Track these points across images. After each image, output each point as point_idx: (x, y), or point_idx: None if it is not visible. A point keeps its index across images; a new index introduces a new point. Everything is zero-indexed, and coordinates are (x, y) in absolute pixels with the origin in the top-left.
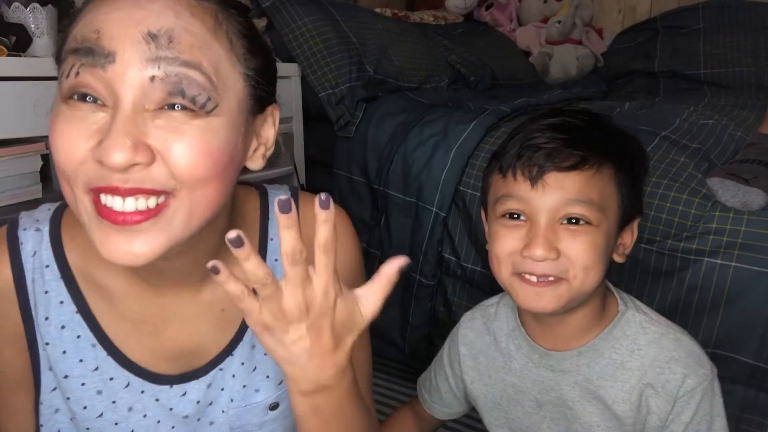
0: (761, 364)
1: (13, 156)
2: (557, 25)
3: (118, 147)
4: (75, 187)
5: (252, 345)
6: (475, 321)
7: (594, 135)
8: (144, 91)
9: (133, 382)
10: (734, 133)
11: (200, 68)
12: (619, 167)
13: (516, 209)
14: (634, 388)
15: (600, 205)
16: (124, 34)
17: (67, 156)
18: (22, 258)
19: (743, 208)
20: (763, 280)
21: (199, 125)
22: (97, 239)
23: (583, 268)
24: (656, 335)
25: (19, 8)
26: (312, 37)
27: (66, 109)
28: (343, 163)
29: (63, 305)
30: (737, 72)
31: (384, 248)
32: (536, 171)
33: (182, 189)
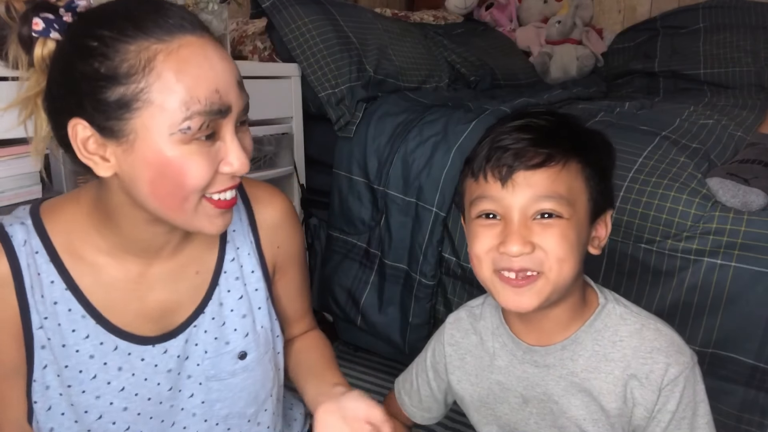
0: (761, 364)
1: (13, 156)
2: (557, 25)
3: (244, 161)
4: (194, 199)
5: (220, 303)
6: (460, 321)
7: (558, 133)
8: (237, 120)
9: (120, 345)
10: (734, 133)
11: (248, 95)
12: (586, 162)
13: (490, 209)
14: (618, 379)
15: (568, 198)
16: (231, 87)
17: (203, 179)
18: (14, 248)
19: (743, 209)
20: (763, 280)
21: (248, 128)
22: (208, 225)
23: (557, 259)
24: (637, 326)
25: None
26: (312, 37)
27: (193, 148)
28: (343, 163)
29: (54, 284)
30: (737, 72)
31: (384, 248)
32: (505, 171)
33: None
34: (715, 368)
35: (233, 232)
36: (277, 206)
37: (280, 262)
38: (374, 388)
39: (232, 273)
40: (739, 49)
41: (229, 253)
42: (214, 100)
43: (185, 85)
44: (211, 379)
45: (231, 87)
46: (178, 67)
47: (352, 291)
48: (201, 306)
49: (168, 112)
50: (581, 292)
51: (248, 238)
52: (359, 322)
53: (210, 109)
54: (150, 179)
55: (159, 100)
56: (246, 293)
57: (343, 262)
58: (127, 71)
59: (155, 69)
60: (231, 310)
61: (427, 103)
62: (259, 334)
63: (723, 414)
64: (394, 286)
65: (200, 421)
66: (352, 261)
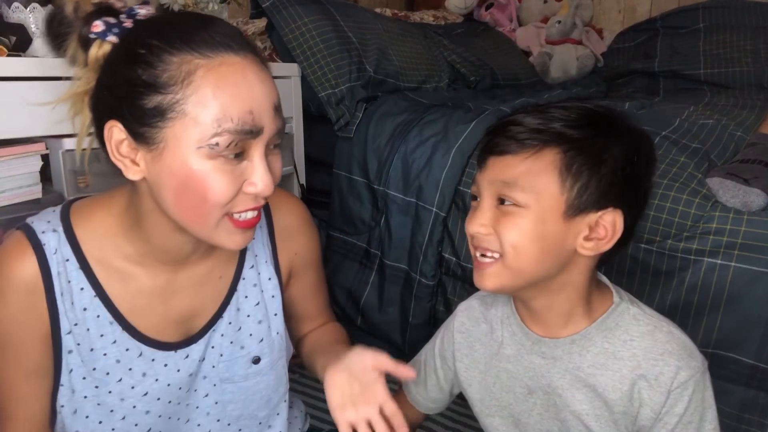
0: (761, 364)
1: (13, 156)
2: (557, 25)
3: (269, 185)
4: (216, 215)
5: (237, 308)
6: (472, 310)
7: (548, 121)
8: (268, 143)
9: (145, 351)
10: (734, 132)
11: (284, 119)
12: (571, 154)
13: (473, 191)
14: (625, 378)
15: (531, 187)
16: (265, 110)
17: (225, 196)
18: (47, 256)
19: (743, 209)
20: (763, 280)
21: (279, 153)
22: (227, 241)
23: (511, 246)
24: (649, 327)
25: (19, 8)
26: (312, 37)
27: (219, 164)
28: (343, 163)
29: (83, 291)
30: (737, 72)
31: (384, 248)
32: (483, 156)
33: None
34: (715, 368)
35: (254, 240)
36: (295, 213)
37: (296, 268)
38: None
39: (250, 280)
40: (739, 49)
41: (248, 260)
42: (246, 120)
43: (220, 102)
44: (225, 381)
45: (266, 110)
46: (216, 84)
47: (352, 291)
48: (220, 311)
49: (200, 126)
50: (585, 289)
51: (266, 246)
52: (359, 322)
53: (241, 128)
54: (174, 189)
55: (193, 113)
56: (263, 300)
57: (343, 262)
58: (166, 81)
59: (194, 82)
60: (247, 316)
61: (427, 103)
62: (273, 340)
63: (723, 414)
64: (394, 286)
65: (213, 420)
66: (352, 261)
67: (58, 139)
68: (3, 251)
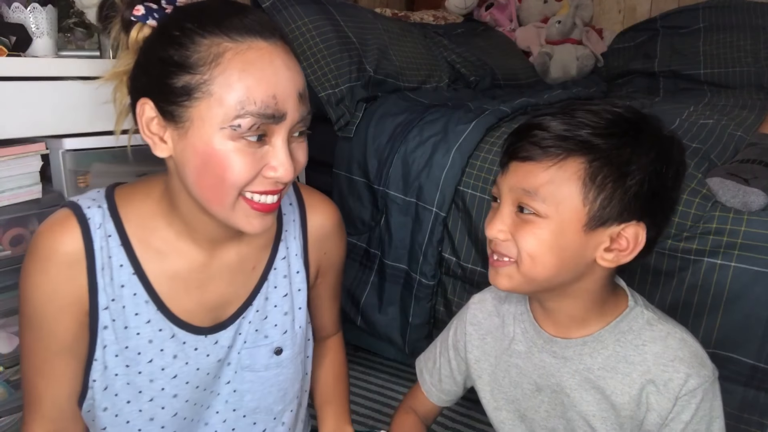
0: (761, 364)
1: (13, 156)
2: (557, 25)
3: (289, 171)
4: (233, 195)
5: (266, 297)
6: (485, 303)
7: (575, 127)
8: (292, 130)
9: (177, 333)
10: (734, 132)
11: (309, 107)
12: (596, 164)
13: (494, 193)
14: (634, 382)
15: (551, 197)
16: (289, 96)
17: (244, 177)
18: (91, 230)
19: (743, 209)
20: (763, 280)
21: (305, 141)
22: (245, 223)
23: (528, 254)
24: (662, 333)
25: (19, 8)
26: (312, 37)
27: (240, 146)
28: (343, 163)
29: (122, 268)
30: (737, 72)
31: (384, 248)
32: (506, 159)
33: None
34: None
35: (286, 231)
36: (330, 215)
37: (323, 268)
38: (374, 387)
39: (281, 270)
40: (739, 49)
41: (281, 251)
42: (269, 104)
43: (245, 85)
44: (245, 369)
45: (290, 96)
46: (243, 67)
47: (352, 291)
48: (250, 298)
49: (224, 106)
50: (601, 293)
51: (298, 240)
52: (359, 322)
53: (264, 112)
54: (196, 168)
55: (218, 94)
56: (290, 292)
57: None
58: (196, 62)
59: (221, 64)
60: (275, 306)
61: (427, 103)
62: (296, 333)
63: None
64: (394, 286)
65: (230, 409)
66: (352, 261)
67: (58, 139)
68: (47, 225)
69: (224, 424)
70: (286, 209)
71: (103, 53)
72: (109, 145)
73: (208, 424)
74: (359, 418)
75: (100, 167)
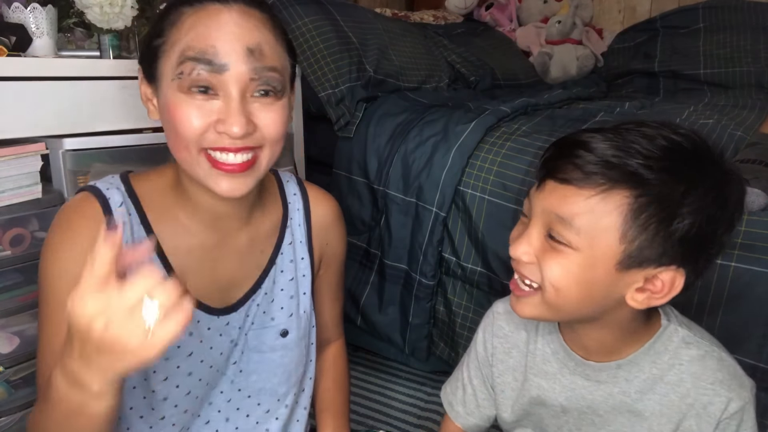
0: (761, 364)
1: (13, 156)
2: (557, 25)
3: (237, 123)
4: (192, 149)
5: (273, 280)
6: (512, 315)
7: (614, 155)
8: (246, 86)
9: (193, 312)
10: (734, 132)
11: (276, 69)
12: (643, 201)
13: (525, 209)
14: (673, 404)
15: (587, 229)
16: (232, 49)
17: (192, 128)
18: (112, 209)
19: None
20: (763, 280)
21: (279, 104)
22: (212, 183)
23: (552, 284)
24: (700, 352)
25: (19, 8)
26: (312, 37)
27: (187, 98)
28: (343, 163)
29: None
30: (737, 72)
31: (384, 248)
32: (544, 174)
33: (267, 145)
34: None
35: (291, 219)
36: (331, 207)
37: (326, 258)
38: (374, 387)
39: (287, 255)
40: (739, 49)
41: (287, 237)
42: (207, 51)
43: (189, 37)
44: (252, 350)
45: (234, 49)
46: (191, 24)
47: (352, 291)
48: (258, 282)
49: (172, 59)
50: (632, 323)
51: (303, 227)
52: (359, 322)
53: (200, 57)
54: (165, 126)
55: (170, 50)
56: (296, 277)
57: None
58: (162, 27)
59: (176, 26)
60: (281, 290)
61: (427, 103)
62: (301, 318)
63: None
64: (394, 286)
65: (235, 389)
66: (352, 261)
67: (58, 139)
68: (69, 206)
69: (228, 403)
70: (291, 198)
71: (103, 53)
72: (109, 145)
73: (212, 403)
74: (359, 418)
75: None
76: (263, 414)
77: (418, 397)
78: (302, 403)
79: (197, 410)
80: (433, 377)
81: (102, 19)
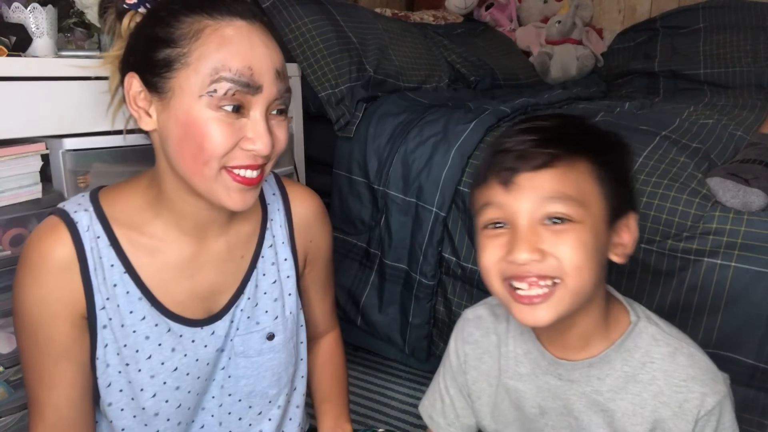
0: (761, 364)
1: (13, 156)
2: (557, 25)
3: (267, 143)
4: (214, 165)
5: (256, 284)
6: (481, 320)
7: (564, 133)
8: (270, 106)
9: (173, 327)
10: (734, 132)
11: (288, 86)
12: (597, 162)
13: (496, 217)
14: (646, 402)
15: (579, 199)
16: (266, 71)
17: (222, 145)
18: (80, 233)
19: (743, 209)
20: (763, 280)
21: (286, 120)
22: (225, 196)
23: (575, 267)
24: (670, 349)
25: (19, 8)
26: (312, 37)
27: (218, 114)
28: (343, 163)
29: (113, 268)
30: (737, 72)
31: (384, 248)
32: (508, 174)
33: (272, 158)
34: None
35: (272, 221)
36: (312, 204)
37: (311, 256)
38: (374, 387)
39: (269, 258)
40: (739, 49)
41: (267, 240)
42: (244, 73)
43: (221, 56)
44: (239, 356)
45: (266, 70)
46: (220, 41)
47: (352, 291)
48: (241, 287)
49: (200, 75)
50: (604, 305)
51: (284, 228)
52: (359, 322)
53: (239, 79)
54: (178, 138)
55: (195, 64)
56: (279, 279)
57: (343, 262)
58: (177, 37)
59: (200, 39)
60: (264, 293)
61: (427, 103)
62: (287, 319)
63: None
64: (394, 286)
65: (225, 394)
66: (352, 261)
67: (58, 139)
68: (37, 234)
69: (220, 408)
70: (270, 199)
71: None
72: (109, 145)
73: (205, 408)
74: (359, 418)
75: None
76: (255, 416)
77: (418, 397)
78: (295, 402)
79: (190, 418)
80: (432, 377)
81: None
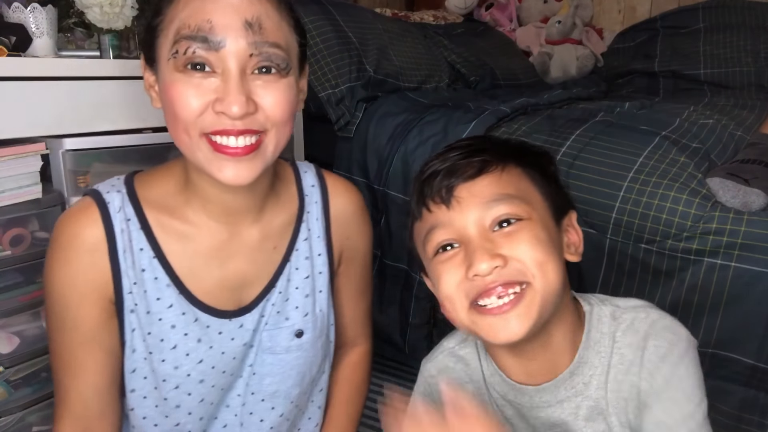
0: (761, 364)
1: (13, 156)
2: (557, 25)
3: (236, 102)
4: (192, 133)
5: (288, 279)
6: (449, 371)
7: (486, 145)
8: (246, 62)
9: (201, 317)
10: (734, 132)
11: (279, 46)
12: (526, 165)
13: (445, 239)
14: (621, 382)
15: (520, 197)
16: (229, 24)
17: (190, 108)
18: (110, 214)
19: (743, 209)
20: (763, 280)
21: (283, 82)
22: (215, 170)
23: (537, 263)
24: (628, 322)
25: (19, 8)
26: (312, 37)
27: (183, 76)
28: (343, 163)
29: (143, 252)
30: (737, 72)
31: (384, 248)
32: (444, 191)
33: (272, 128)
34: (715, 368)
35: (308, 213)
36: (352, 199)
37: (346, 254)
38: (374, 387)
39: (302, 252)
40: (739, 49)
41: (302, 233)
42: (202, 28)
43: (184, 15)
44: (266, 351)
45: (231, 24)
46: (187, 2)
47: None
48: (273, 280)
49: (168, 38)
50: (574, 310)
51: (320, 222)
52: None
53: (195, 34)
54: (164, 110)
55: (166, 30)
56: (312, 274)
57: None
58: (159, 8)
59: (173, 3)
60: (296, 288)
61: (427, 103)
62: (317, 317)
63: (723, 414)
64: (394, 286)
65: (249, 392)
66: None
67: (58, 139)
68: (68, 213)
69: (243, 407)
70: (309, 190)
71: (103, 53)
72: (109, 145)
73: (229, 406)
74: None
75: (100, 167)
76: (277, 418)
77: None
78: (317, 402)
79: (213, 414)
80: None
81: (102, 19)
